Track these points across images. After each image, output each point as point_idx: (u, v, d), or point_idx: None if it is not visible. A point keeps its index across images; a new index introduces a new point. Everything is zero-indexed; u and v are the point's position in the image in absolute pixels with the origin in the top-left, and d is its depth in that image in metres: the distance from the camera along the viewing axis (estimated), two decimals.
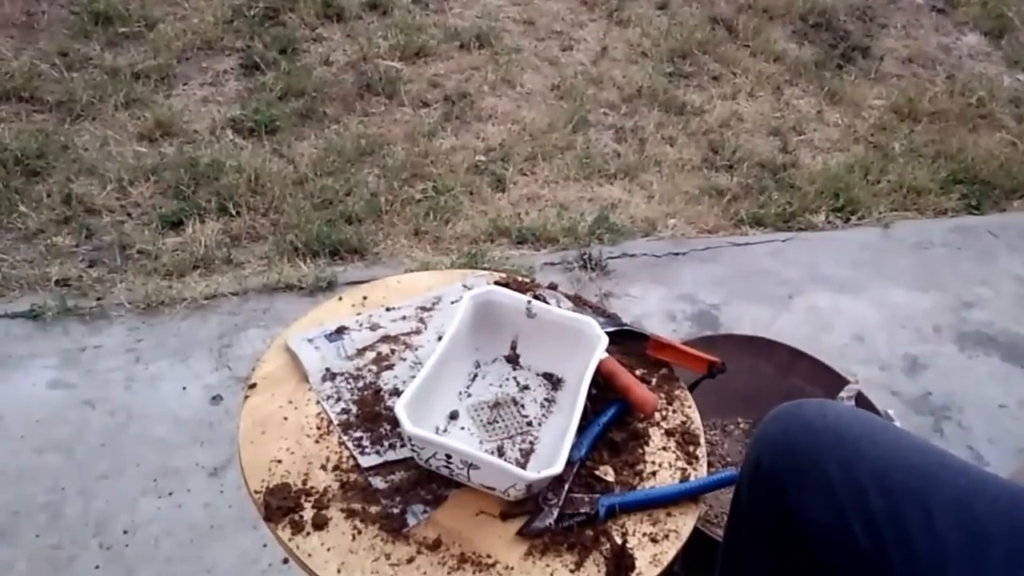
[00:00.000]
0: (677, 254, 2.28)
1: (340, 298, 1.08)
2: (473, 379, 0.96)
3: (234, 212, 2.15)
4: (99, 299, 1.89)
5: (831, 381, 1.43)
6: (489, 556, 0.79)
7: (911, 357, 2.06)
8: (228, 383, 1.74)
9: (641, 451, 0.91)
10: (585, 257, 2.18)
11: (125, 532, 1.46)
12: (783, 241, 2.37)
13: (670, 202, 2.43)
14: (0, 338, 1.79)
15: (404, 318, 1.04)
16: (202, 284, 1.96)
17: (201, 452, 1.60)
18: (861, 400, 1.36)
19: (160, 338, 1.83)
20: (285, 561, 1.41)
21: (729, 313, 2.10)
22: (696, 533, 1.34)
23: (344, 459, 0.87)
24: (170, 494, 1.53)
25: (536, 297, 1.01)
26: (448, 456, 0.81)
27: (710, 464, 1.54)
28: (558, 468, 0.78)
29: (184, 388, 1.73)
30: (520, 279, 1.13)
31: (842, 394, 1.36)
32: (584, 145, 2.60)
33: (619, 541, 0.80)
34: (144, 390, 1.72)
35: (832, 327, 2.11)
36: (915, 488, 0.78)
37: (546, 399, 0.95)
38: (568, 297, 1.07)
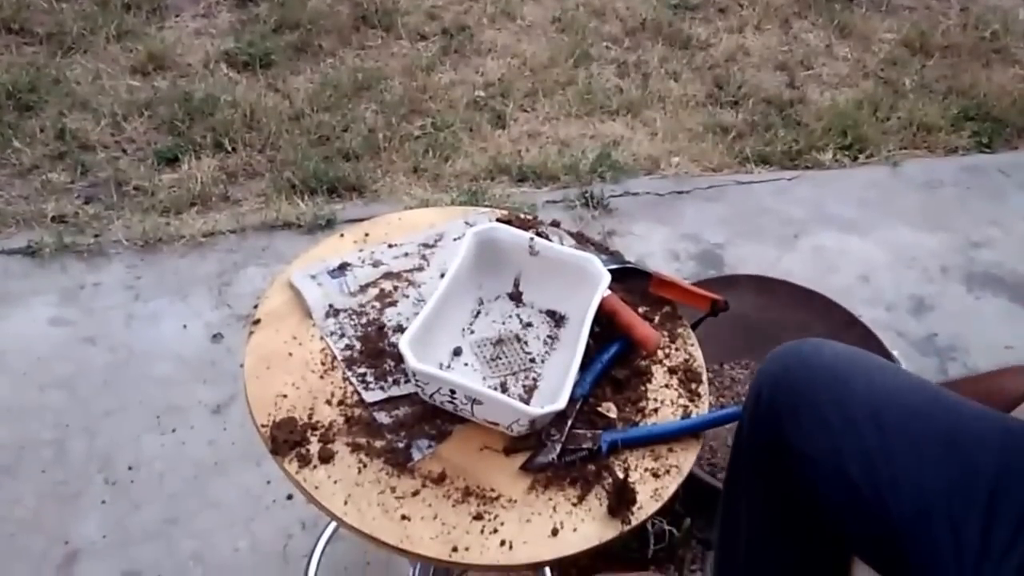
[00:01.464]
0: (680, 192, 2.25)
1: (342, 235, 1.06)
2: (476, 316, 0.96)
3: (230, 148, 2.11)
4: (96, 236, 1.88)
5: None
6: (493, 490, 0.80)
7: (917, 298, 2.05)
8: (228, 321, 1.74)
9: (643, 388, 0.90)
10: (587, 195, 2.16)
11: (130, 468, 1.47)
12: (789, 180, 2.34)
13: (674, 139, 2.39)
14: None
15: (406, 255, 1.03)
16: (199, 221, 1.93)
17: (203, 390, 1.61)
18: None
19: (159, 276, 1.82)
20: (289, 497, 1.42)
21: (733, 253, 2.09)
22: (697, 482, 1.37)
23: (349, 394, 0.87)
24: (173, 431, 1.53)
25: (538, 234, 0.99)
26: (452, 392, 0.81)
27: (730, 401, 1.56)
28: (561, 404, 0.78)
29: (184, 326, 1.73)
30: (522, 216, 1.12)
31: None
32: (586, 80, 2.54)
33: (621, 476, 0.80)
34: (144, 328, 1.71)
35: (838, 267, 2.10)
36: (907, 425, 0.79)
37: (549, 336, 0.95)
38: (571, 234, 1.06)
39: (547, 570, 1.33)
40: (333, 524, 1.29)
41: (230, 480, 1.46)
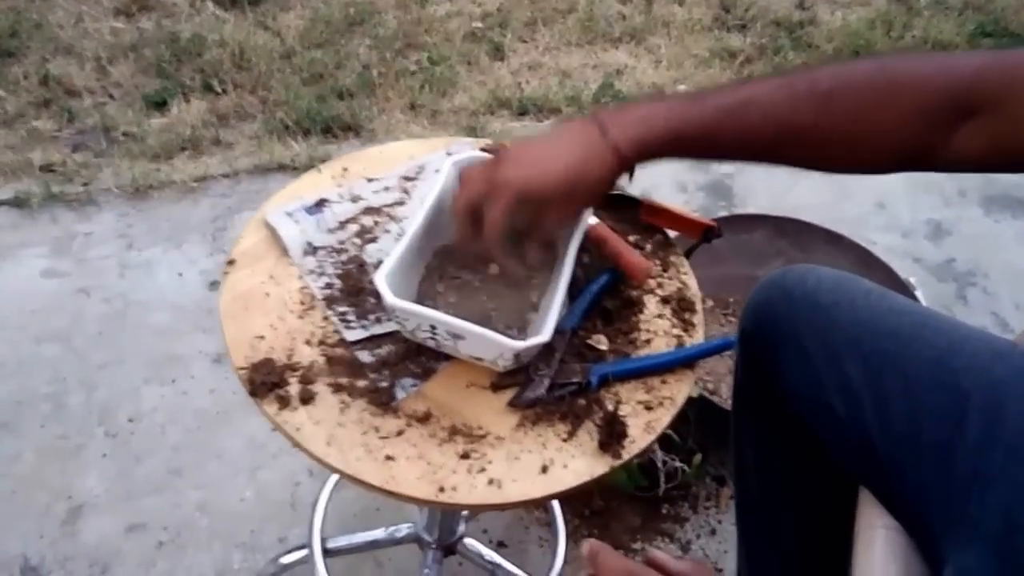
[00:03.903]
0: None
1: (319, 170, 1.01)
2: None
3: (220, 90, 2.06)
4: (86, 184, 1.84)
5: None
6: (480, 427, 0.77)
7: (935, 223, 1.98)
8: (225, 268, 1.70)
9: (635, 319, 0.86)
10: None
11: (130, 420, 1.45)
12: None
13: (679, 66, 2.30)
14: None
15: (387, 189, 0.98)
16: (191, 166, 1.89)
17: (202, 338, 1.58)
18: None
19: (152, 223, 1.79)
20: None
21: (743, 182, 2.03)
22: (709, 405, 1.35)
23: (329, 334, 0.83)
24: (173, 381, 1.51)
25: None
26: (433, 327, 0.77)
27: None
28: (545, 336, 0.74)
29: (180, 274, 1.70)
30: (507, 145, 1.06)
31: None
32: (587, 7, 2.45)
33: (611, 409, 0.77)
34: (139, 277, 1.69)
35: (852, 194, 2.03)
36: (892, 352, 0.75)
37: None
38: None
39: (557, 508, 1.32)
40: None
41: (234, 429, 1.44)
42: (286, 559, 1.23)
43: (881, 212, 2.00)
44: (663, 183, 2.00)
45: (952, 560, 0.66)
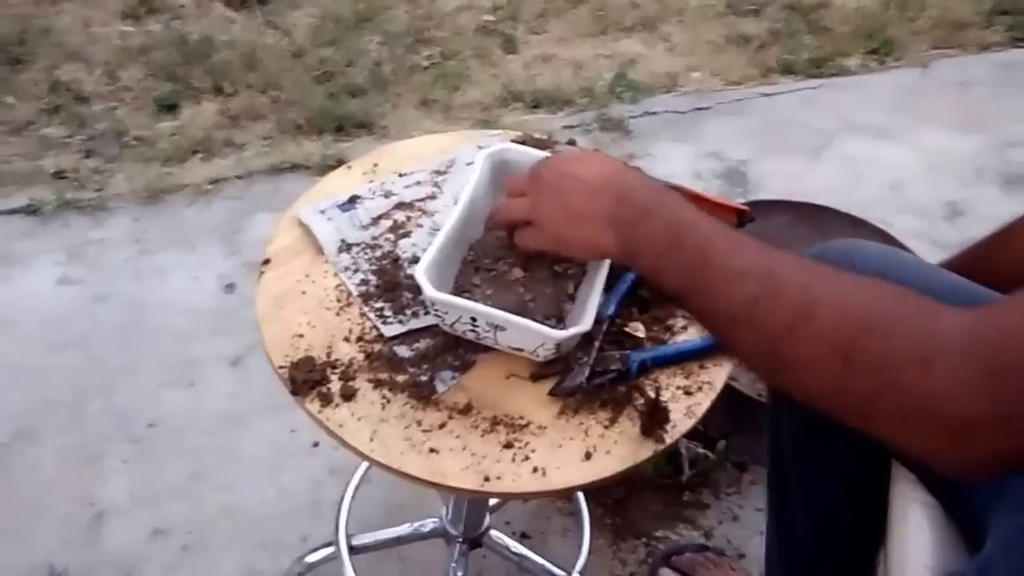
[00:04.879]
0: (701, 109, 2.16)
1: (349, 167, 1.01)
2: None
3: (230, 91, 2.05)
4: (98, 190, 1.83)
5: None
6: (522, 417, 0.76)
7: (951, 203, 1.96)
8: (240, 270, 1.69)
9: (671, 306, 0.86)
10: (605, 118, 2.07)
11: (150, 425, 1.44)
12: (815, 88, 2.24)
13: (693, 53, 2.29)
14: (0, 236, 1.73)
15: (418, 183, 0.97)
16: (204, 169, 1.88)
17: (220, 342, 1.57)
18: None
19: (165, 227, 1.77)
20: (315, 444, 1.39)
21: (758, 169, 2.01)
22: (730, 391, 1.33)
23: (367, 330, 0.83)
24: (191, 385, 1.50)
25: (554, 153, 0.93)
26: (473, 319, 0.76)
27: None
28: (586, 325, 0.74)
29: (196, 278, 1.68)
30: (537, 136, 1.06)
31: None
32: None
33: (652, 395, 0.77)
34: (155, 282, 1.67)
35: (867, 177, 2.01)
36: None
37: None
38: None
39: (581, 497, 1.30)
40: (361, 469, 1.26)
41: (253, 432, 1.43)
42: (311, 558, 1.22)
43: (897, 194, 1.97)
44: (678, 171, 1.98)
45: (993, 532, 0.65)
